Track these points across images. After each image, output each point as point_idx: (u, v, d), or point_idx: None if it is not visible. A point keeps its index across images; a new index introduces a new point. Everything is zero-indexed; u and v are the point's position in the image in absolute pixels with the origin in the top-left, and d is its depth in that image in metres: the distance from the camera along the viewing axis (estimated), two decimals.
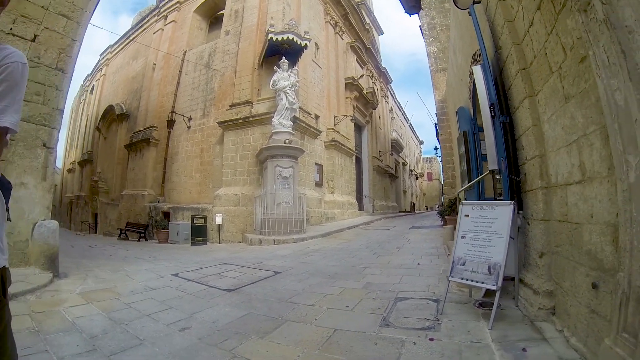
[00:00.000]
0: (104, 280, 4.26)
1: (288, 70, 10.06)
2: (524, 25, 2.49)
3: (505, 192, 2.88)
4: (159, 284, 4.14)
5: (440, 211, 11.23)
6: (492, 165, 2.95)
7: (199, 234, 10.02)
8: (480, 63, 3.26)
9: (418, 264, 4.94)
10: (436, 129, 13.34)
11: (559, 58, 2.00)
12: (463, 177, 4.67)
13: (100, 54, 23.43)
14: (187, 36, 15.12)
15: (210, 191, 11.68)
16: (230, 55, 12.58)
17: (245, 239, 9.22)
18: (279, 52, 10.36)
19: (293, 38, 10.01)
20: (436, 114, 13.04)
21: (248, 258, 6.22)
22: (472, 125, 3.94)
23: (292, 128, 9.99)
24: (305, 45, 10.48)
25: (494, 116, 2.97)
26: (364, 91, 17.84)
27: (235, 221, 10.33)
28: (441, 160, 13.98)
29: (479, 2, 3.42)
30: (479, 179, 3.54)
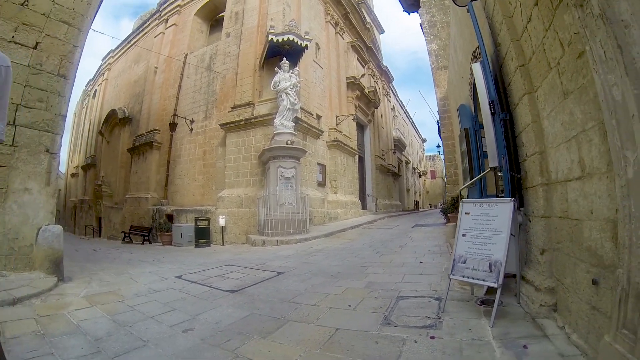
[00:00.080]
0: (108, 284, 4.30)
1: (289, 71, 10.07)
2: (522, 21, 2.48)
3: (507, 189, 2.87)
4: (163, 286, 4.17)
5: (444, 209, 11.21)
6: (492, 162, 2.94)
7: (202, 236, 10.07)
8: (479, 60, 3.25)
9: (420, 262, 4.94)
10: (438, 126, 13.30)
11: (557, 54, 1.99)
12: (465, 174, 4.65)
13: (102, 59, 23.64)
14: (188, 39, 15.21)
15: (214, 193, 11.73)
16: (231, 57, 12.63)
17: (249, 240, 9.25)
18: (280, 53, 10.38)
19: (293, 39, 10.02)
20: (438, 111, 13.02)
21: (251, 259, 6.24)
22: (473, 122, 3.92)
23: (294, 129, 10.00)
24: (306, 45, 10.49)
25: (493, 113, 2.96)
26: (366, 90, 17.82)
27: (239, 222, 10.36)
28: (444, 158, 13.96)
29: None
30: (480, 176, 3.53)
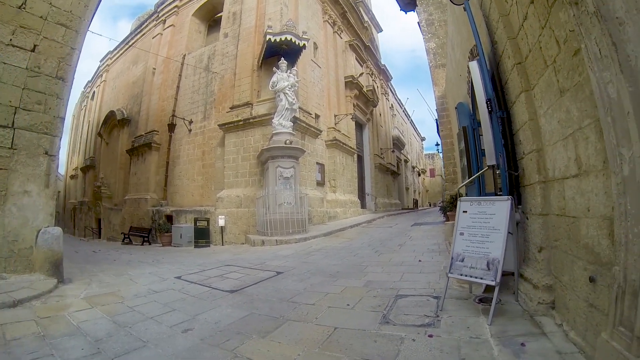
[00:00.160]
0: (108, 285, 4.31)
1: (287, 70, 10.05)
2: (518, 19, 2.48)
3: (504, 187, 2.88)
4: (162, 286, 4.17)
5: (442, 207, 11.20)
6: (490, 160, 2.95)
7: (201, 236, 10.07)
8: (477, 58, 3.25)
9: (419, 260, 4.94)
10: (437, 125, 13.30)
11: (553, 52, 1.99)
12: (464, 172, 4.65)
13: (100, 60, 23.58)
14: (186, 40, 15.19)
15: (213, 193, 11.73)
16: (230, 58, 12.61)
17: (248, 240, 9.25)
18: (278, 53, 10.37)
19: (291, 38, 10.01)
20: (436, 110, 13.03)
21: (250, 259, 6.25)
22: (471, 120, 3.92)
23: (293, 128, 10.00)
24: (304, 45, 10.48)
25: (491, 111, 2.97)
26: (364, 89, 17.80)
27: (238, 223, 10.37)
28: (442, 156, 13.96)
29: None
30: (478, 174, 3.53)
